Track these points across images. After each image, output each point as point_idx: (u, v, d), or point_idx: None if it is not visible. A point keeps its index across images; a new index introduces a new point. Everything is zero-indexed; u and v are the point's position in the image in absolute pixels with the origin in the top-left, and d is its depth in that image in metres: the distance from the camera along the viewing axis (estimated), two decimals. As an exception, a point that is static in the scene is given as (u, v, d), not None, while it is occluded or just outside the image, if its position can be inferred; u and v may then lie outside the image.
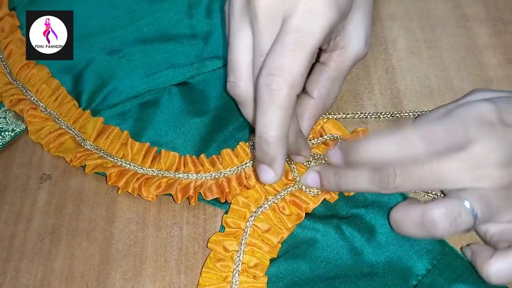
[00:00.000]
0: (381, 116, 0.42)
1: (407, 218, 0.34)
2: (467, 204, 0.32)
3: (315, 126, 0.40)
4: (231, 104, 0.43)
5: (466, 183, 0.32)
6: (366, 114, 0.42)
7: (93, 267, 0.37)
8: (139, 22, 0.48)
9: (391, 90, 0.44)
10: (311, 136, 0.40)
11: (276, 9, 0.32)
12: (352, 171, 0.35)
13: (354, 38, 0.37)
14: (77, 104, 0.44)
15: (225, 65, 0.45)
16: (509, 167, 0.32)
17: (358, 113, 0.42)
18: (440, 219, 0.32)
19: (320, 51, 0.39)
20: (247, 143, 0.40)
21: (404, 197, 0.37)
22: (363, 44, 0.38)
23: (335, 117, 0.42)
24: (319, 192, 0.38)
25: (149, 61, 0.46)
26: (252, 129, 0.41)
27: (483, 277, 0.32)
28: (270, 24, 0.32)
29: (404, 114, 0.42)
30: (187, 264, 0.37)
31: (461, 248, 0.36)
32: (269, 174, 0.34)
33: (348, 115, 0.42)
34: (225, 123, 0.42)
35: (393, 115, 0.42)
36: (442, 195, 0.37)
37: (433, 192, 0.38)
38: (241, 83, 0.34)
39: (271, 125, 0.31)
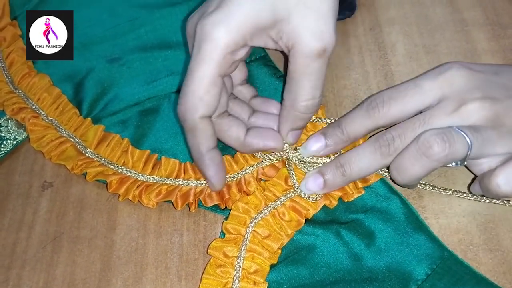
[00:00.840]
0: None
1: (403, 156, 0.35)
2: (459, 130, 0.33)
3: (314, 133, 0.40)
4: (231, 111, 0.43)
5: (455, 124, 0.34)
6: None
7: (95, 274, 0.37)
8: (139, 30, 0.49)
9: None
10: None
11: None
12: (351, 152, 0.37)
13: (302, 34, 0.35)
14: (78, 112, 0.44)
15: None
16: (486, 101, 0.34)
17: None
18: (434, 139, 0.33)
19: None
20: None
21: (404, 203, 0.38)
22: (313, 39, 0.35)
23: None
24: (318, 198, 0.38)
25: (149, 68, 0.46)
26: None
27: (495, 191, 0.34)
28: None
29: None
30: (188, 271, 0.37)
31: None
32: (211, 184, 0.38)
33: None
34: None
35: None
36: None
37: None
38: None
39: (193, 148, 0.37)
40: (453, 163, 0.35)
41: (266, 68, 0.45)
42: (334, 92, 0.44)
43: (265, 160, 0.40)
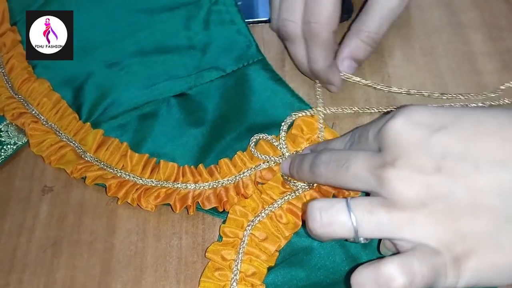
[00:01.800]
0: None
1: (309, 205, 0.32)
2: (346, 205, 0.29)
3: (311, 135, 0.40)
4: (229, 115, 0.44)
5: (372, 183, 0.30)
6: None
7: (94, 278, 0.38)
8: (138, 34, 0.49)
9: (387, 98, 0.44)
10: (307, 144, 0.40)
11: None
12: (306, 155, 0.36)
13: None
14: (77, 116, 0.45)
15: (223, 76, 0.46)
16: (414, 174, 0.29)
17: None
18: (312, 212, 0.30)
19: None
20: (244, 153, 0.41)
21: None
22: None
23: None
24: (308, 187, 0.38)
25: (148, 73, 0.47)
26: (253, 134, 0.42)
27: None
28: None
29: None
30: (187, 274, 0.37)
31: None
32: (332, 88, 0.44)
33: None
34: (222, 133, 0.43)
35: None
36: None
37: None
38: (294, 22, 0.41)
39: (318, 59, 0.41)
40: (351, 239, 0.30)
41: (264, 71, 0.45)
42: (332, 95, 0.45)
43: (263, 163, 0.40)
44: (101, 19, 0.50)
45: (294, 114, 0.42)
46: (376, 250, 0.36)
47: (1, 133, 0.44)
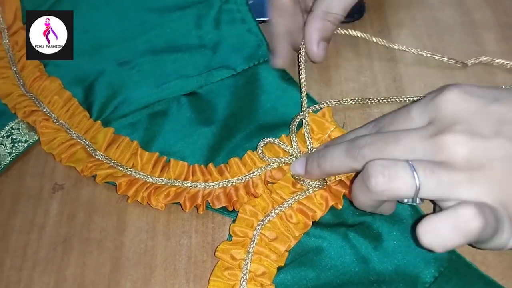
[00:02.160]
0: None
1: (356, 181, 0.33)
2: (409, 164, 0.30)
3: (321, 135, 0.40)
4: (239, 114, 0.44)
5: (426, 151, 0.31)
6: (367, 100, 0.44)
7: (104, 275, 0.38)
8: (149, 33, 0.49)
9: (399, 100, 0.44)
10: (317, 144, 0.40)
11: None
12: (332, 146, 0.36)
13: None
14: (88, 115, 0.45)
15: (234, 75, 0.46)
16: (467, 136, 0.30)
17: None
18: (374, 169, 0.30)
19: None
20: (254, 152, 0.41)
21: (412, 206, 0.37)
22: None
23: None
24: (322, 185, 0.38)
25: (159, 71, 0.47)
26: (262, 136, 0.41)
27: (419, 239, 0.29)
28: None
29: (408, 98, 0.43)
30: (196, 273, 0.37)
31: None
32: (276, 60, 0.45)
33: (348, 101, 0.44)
34: (233, 132, 0.43)
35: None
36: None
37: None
38: None
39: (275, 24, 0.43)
40: (405, 200, 0.32)
41: (275, 70, 0.45)
42: (342, 95, 0.45)
43: (273, 163, 0.40)
44: (112, 17, 0.51)
45: (301, 113, 0.42)
46: (387, 252, 0.36)
47: (13, 131, 0.45)
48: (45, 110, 0.45)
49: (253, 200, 0.38)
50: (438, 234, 0.28)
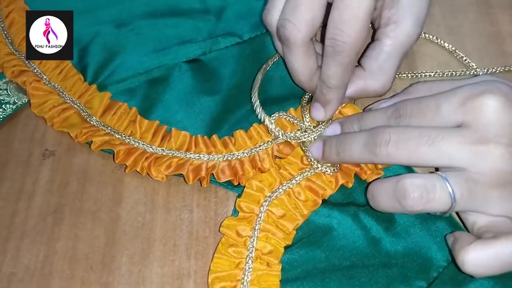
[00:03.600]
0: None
1: (381, 188, 0.33)
2: (446, 183, 0.30)
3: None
4: (245, 84, 0.41)
5: (464, 159, 0.30)
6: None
7: (98, 249, 0.35)
8: (149, -5, 0.46)
9: (411, 75, 0.42)
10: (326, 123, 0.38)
11: None
12: (351, 134, 0.35)
13: (408, 14, 0.36)
14: (82, 78, 0.42)
15: (239, 42, 0.43)
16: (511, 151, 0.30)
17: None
18: (411, 189, 0.30)
19: (374, 30, 0.39)
20: (260, 125, 0.39)
21: None
22: (413, 23, 0.36)
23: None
24: (336, 170, 0.36)
25: (159, 36, 0.44)
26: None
27: (458, 264, 0.30)
28: None
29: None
30: (198, 249, 0.35)
31: (444, 236, 0.34)
32: (320, 112, 0.38)
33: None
34: (238, 104, 0.41)
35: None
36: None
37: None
38: (297, 27, 0.34)
39: (332, 77, 0.35)
40: (438, 213, 0.32)
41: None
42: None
43: (283, 136, 0.38)
44: (109, -24, 0.47)
45: None
46: (398, 234, 0.35)
47: (0, 91, 0.41)
48: (35, 71, 0.42)
49: (260, 175, 0.36)
50: (483, 266, 0.29)
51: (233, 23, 0.44)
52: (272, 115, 0.38)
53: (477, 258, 0.29)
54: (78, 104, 0.40)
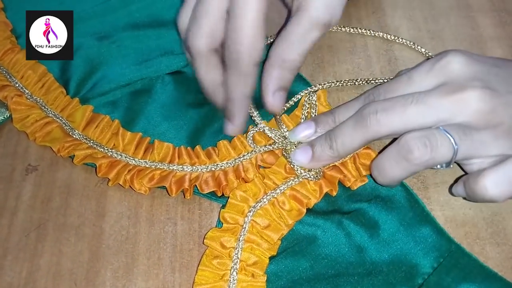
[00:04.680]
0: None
1: (384, 156, 0.33)
2: (446, 133, 0.31)
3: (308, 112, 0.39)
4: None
5: (449, 109, 0.32)
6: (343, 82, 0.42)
7: (82, 264, 0.35)
8: (130, 6, 0.46)
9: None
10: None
11: None
12: (338, 126, 0.35)
13: (314, 0, 0.35)
14: (64, 91, 0.42)
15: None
16: (486, 92, 0.32)
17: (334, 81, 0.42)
18: (415, 143, 0.31)
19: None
20: (244, 135, 0.38)
21: (409, 194, 0.36)
22: (323, 9, 0.35)
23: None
24: (319, 177, 0.36)
25: (141, 47, 0.44)
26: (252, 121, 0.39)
27: (482, 194, 0.32)
28: None
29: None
30: (182, 262, 0.35)
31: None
32: (228, 126, 0.38)
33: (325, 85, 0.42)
34: (221, 114, 0.40)
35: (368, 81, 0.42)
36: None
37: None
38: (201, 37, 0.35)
39: (233, 88, 0.36)
40: (438, 166, 0.33)
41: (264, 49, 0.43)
42: (336, 77, 0.43)
43: (264, 146, 0.38)
44: (91, -12, 0.47)
45: (297, 95, 0.40)
46: (383, 241, 0.35)
47: (-19, 107, 0.41)
48: (17, 85, 0.41)
49: (244, 185, 0.36)
50: (504, 184, 0.31)
51: (215, 33, 0.44)
52: (252, 129, 0.38)
53: (497, 178, 0.31)
54: (61, 118, 0.40)
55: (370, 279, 0.33)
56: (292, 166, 0.36)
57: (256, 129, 0.38)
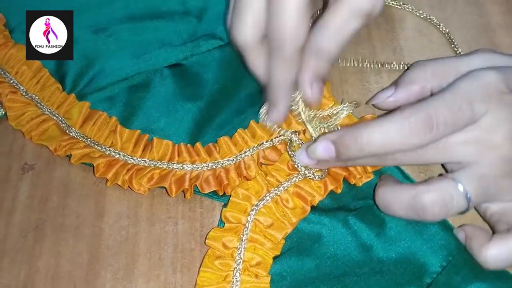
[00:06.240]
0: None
1: (397, 201, 0.32)
2: (460, 187, 0.31)
3: (320, 112, 0.37)
4: (228, 88, 0.40)
5: (471, 156, 0.31)
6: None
7: (81, 266, 0.34)
8: (127, -2, 0.45)
9: (399, 72, 0.41)
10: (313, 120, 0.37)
11: None
12: (374, 122, 0.32)
13: None
14: (61, 87, 0.41)
15: (222, 45, 0.42)
16: None
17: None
18: (431, 205, 0.31)
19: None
20: (245, 130, 0.37)
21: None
22: None
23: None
24: (324, 176, 0.35)
25: (138, 40, 0.43)
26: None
27: (480, 262, 0.31)
28: None
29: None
30: (183, 262, 0.34)
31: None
32: (271, 113, 0.36)
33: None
34: (221, 108, 0.39)
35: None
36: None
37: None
38: (245, 30, 0.34)
39: (276, 75, 0.34)
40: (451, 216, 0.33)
41: (266, 41, 0.42)
42: (339, 68, 0.41)
43: (266, 142, 0.36)
44: (86, -20, 0.46)
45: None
46: (390, 239, 0.34)
47: (-25, 105, 0.40)
48: (12, 81, 0.40)
49: (246, 183, 0.35)
50: (506, 260, 0.31)
51: (214, 25, 0.43)
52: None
53: (498, 254, 0.31)
54: (57, 115, 0.39)
55: (377, 279, 0.33)
56: (296, 166, 0.35)
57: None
